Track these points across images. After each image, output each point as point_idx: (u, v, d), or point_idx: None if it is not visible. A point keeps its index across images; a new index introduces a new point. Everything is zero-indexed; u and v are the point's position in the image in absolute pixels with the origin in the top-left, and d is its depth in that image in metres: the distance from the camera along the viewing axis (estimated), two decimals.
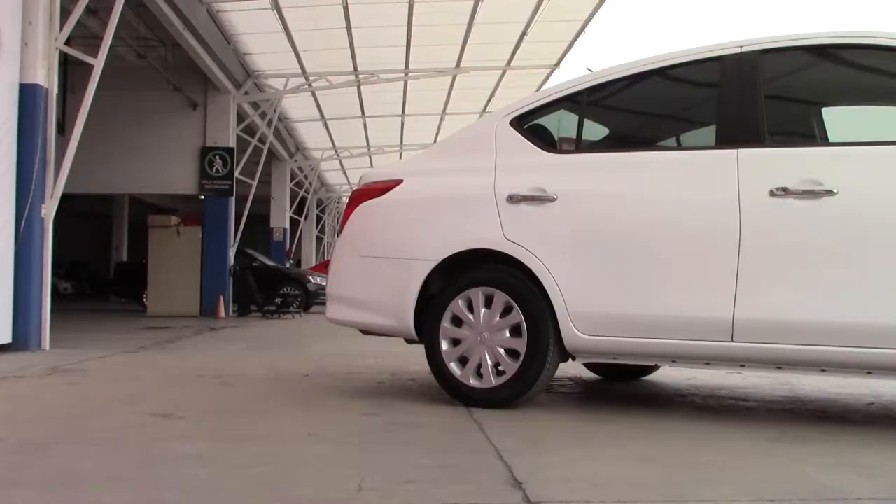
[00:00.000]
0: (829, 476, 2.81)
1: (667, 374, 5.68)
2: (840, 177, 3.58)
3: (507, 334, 4.14)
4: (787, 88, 4.26)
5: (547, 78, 18.22)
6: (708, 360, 3.88)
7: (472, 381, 4.19)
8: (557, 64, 17.42)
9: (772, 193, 3.65)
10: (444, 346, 4.27)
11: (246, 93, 17.26)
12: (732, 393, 4.93)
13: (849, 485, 2.70)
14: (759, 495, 2.57)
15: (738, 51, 3.99)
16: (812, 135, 4.22)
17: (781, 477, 2.82)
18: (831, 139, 4.19)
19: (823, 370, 3.68)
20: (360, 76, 17.44)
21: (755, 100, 3.90)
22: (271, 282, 17.74)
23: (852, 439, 3.50)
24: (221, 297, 15.88)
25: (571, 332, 4.01)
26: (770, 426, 3.82)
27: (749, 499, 2.53)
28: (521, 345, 4.09)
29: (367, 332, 4.76)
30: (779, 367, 3.76)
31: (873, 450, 3.26)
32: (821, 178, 3.59)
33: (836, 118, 4.31)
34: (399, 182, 4.59)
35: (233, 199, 16.90)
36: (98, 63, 8.66)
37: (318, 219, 35.28)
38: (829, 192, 3.56)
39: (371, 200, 4.63)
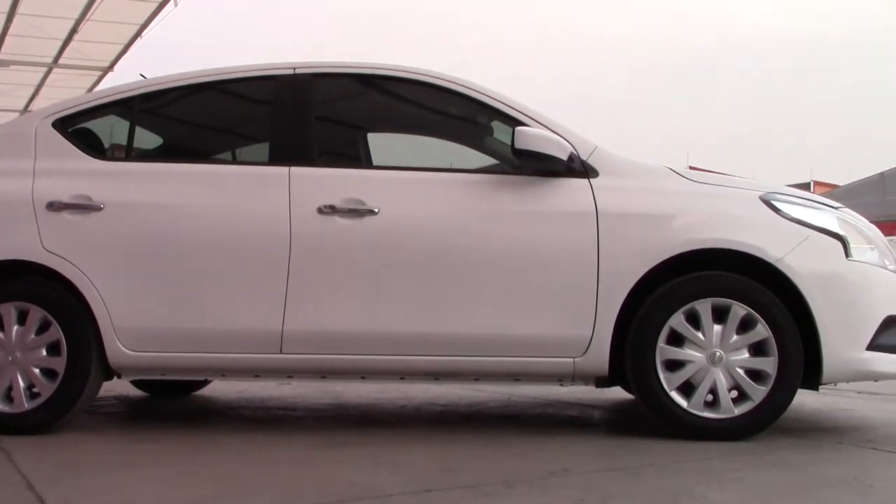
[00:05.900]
0: (366, 476, 3.01)
1: (218, 388, 5.66)
2: (381, 198, 3.86)
3: (45, 353, 3.81)
4: (336, 112, 4.50)
5: (99, 81, 17.31)
6: (258, 373, 3.95)
7: (1, 406, 3.79)
8: (111, 67, 16.65)
9: (320, 211, 3.83)
10: None
11: None
12: (281, 403, 5.06)
13: (383, 483, 2.91)
14: (300, 500, 2.67)
15: (291, 72, 4.13)
16: (358, 157, 4.51)
17: (323, 481, 2.95)
18: (375, 162, 4.51)
19: (363, 377, 3.94)
20: None
21: (307, 120, 4.06)
22: None
23: (387, 440, 3.78)
24: None
25: (117, 348, 3.81)
26: (315, 433, 3.99)
27: None
28: (59, 364, 3.79)
29: None
30: (323, 377, 3.95)
31: (405, 448, 3.55)
32: (364, 199, 3.84)
33: (380, 143, 4.67)
34: None
35: None
36: None
37: None
38: (371, 212, 3.82)
39: None
